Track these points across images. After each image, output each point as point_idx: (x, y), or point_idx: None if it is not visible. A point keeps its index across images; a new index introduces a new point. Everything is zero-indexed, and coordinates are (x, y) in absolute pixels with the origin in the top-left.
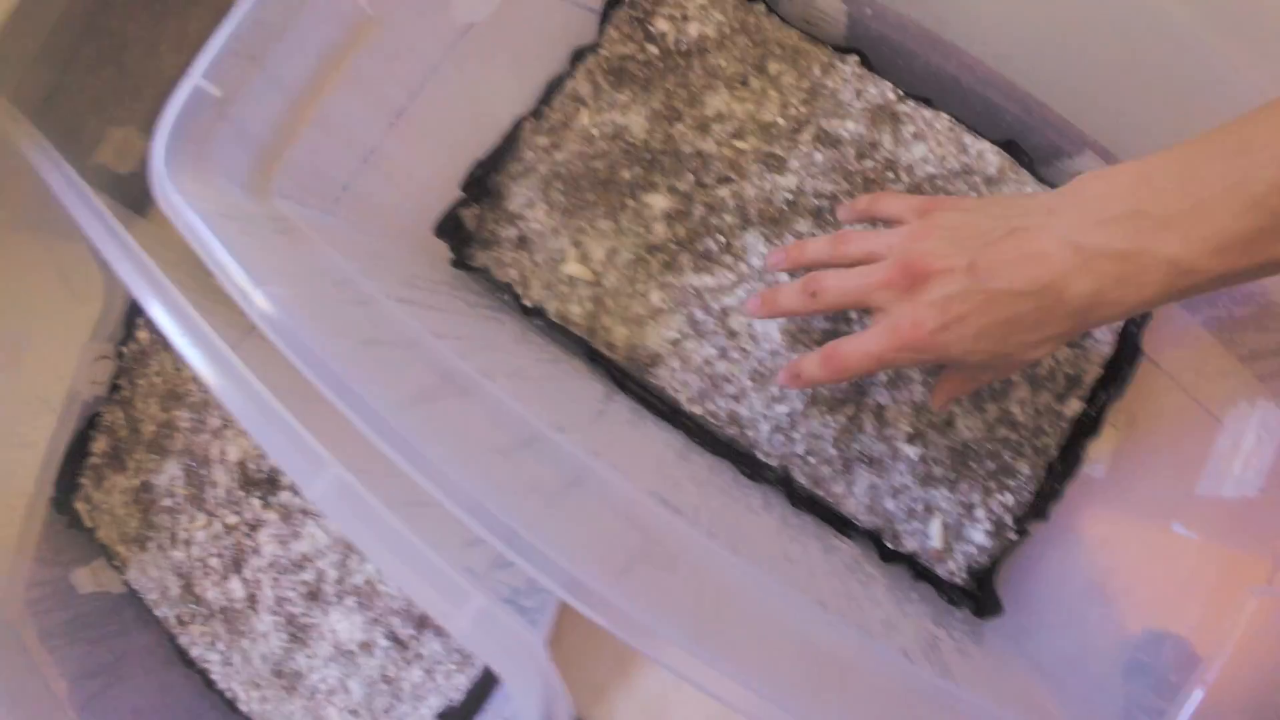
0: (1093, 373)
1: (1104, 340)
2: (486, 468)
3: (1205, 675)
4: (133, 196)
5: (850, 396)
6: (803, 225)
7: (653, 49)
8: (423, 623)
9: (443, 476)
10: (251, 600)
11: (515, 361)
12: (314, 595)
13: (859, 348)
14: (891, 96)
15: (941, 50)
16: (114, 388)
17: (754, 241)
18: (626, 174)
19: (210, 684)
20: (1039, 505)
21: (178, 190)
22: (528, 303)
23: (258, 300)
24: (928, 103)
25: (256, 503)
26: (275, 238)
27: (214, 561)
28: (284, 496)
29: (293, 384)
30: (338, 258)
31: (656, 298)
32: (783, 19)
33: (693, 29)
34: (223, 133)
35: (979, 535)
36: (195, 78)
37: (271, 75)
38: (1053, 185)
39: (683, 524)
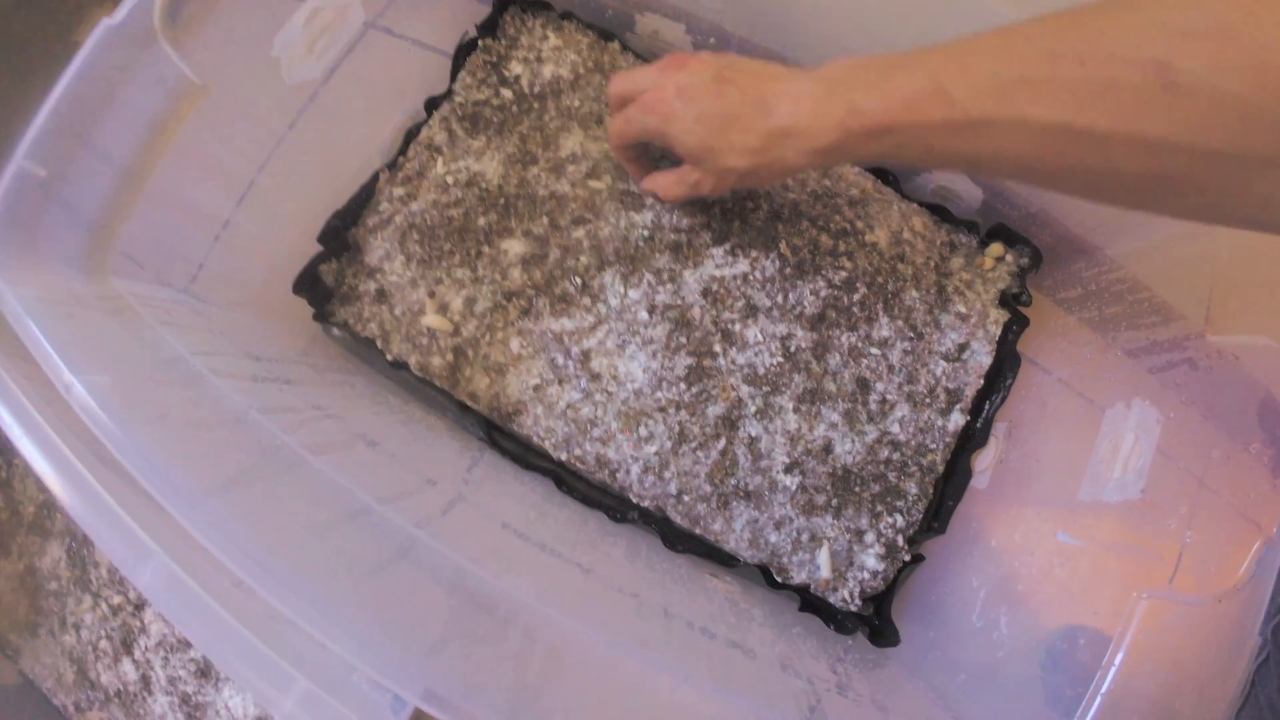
0: (974, 385)
1: (981, 351)
2: (298, 549)
3: (1101, 683)
4: None
5: (721, 431)
6: (661, 260)
7: (507, 93)
8: None
9: (250, 561)
10: (145, 682)
11: (358, 427)
12: (204, 673)
13: (618, 114)
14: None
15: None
16: None
17: (611, 281)
18: (482, 220)
19: None
20: (932, 522)
21: (5, 279)
22: (390, 357)
23: (75, 390)
24: None
25: None
26: (105, 320)
27: (104, 644)
28: None
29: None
30: (169, 336)
31: (516, 344)
32: (636, 54)
33: (547, 70)
34: (51, 214)
35: (870, 560)
36: (18, 159)
37: (100, 151)
38: (910, 197)
39: (511, 586)
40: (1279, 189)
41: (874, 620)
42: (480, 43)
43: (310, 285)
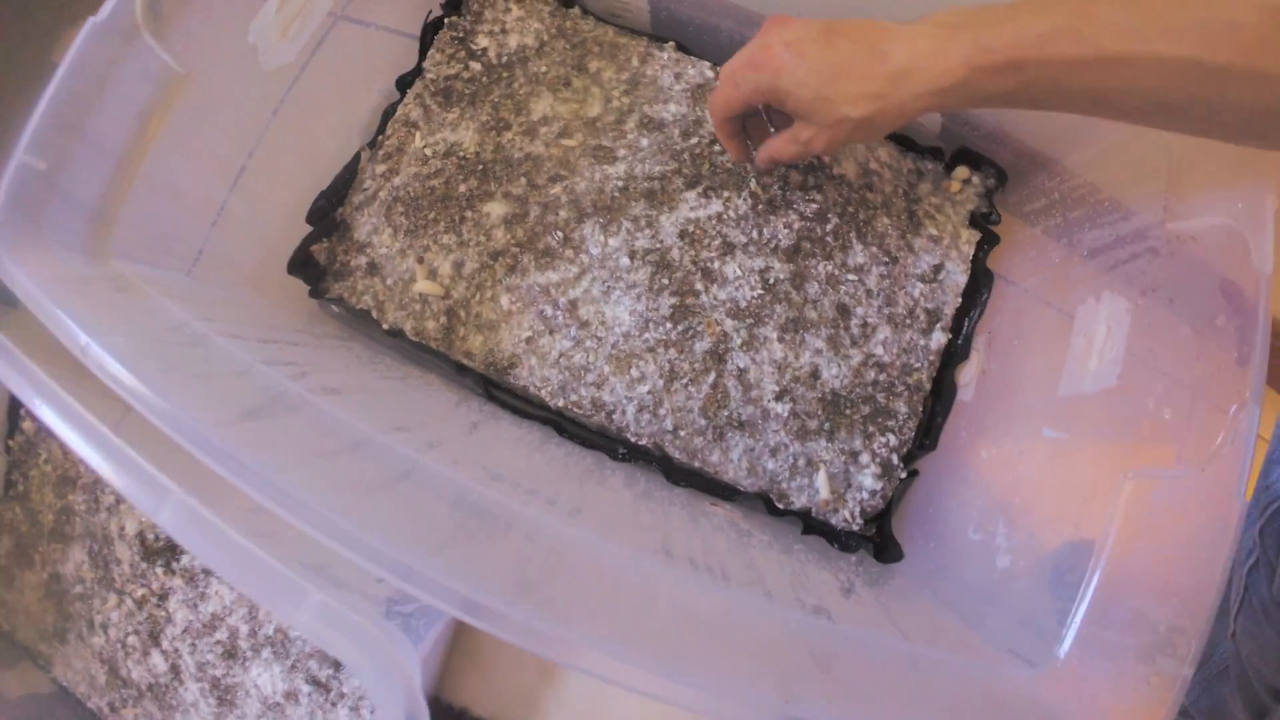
0: (952, 303)
1: (956, 270)
2: (308, 471)
3: (1096, 564)
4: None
5: (710, 365)
6: (638, 208)
7: (476, 65)
8: (338, 662)
9: (265, 482)
10: (175, 671)
11: (358, 381)
12: (231, 654)
13: (722, 77)
14: (710, 74)
15: (741, 18)
16: (8, 484)
17: (592, 231)
18: (463, 187)
19: None
20: (924, 438)
21: (16, 262)
22: (386, 325)
23: (91, 349)
24: None
25: (160, 571)
26: (112, 295)
27: (132, 640)
28: (185, 560)
29: (173, 451)
30: (174, 307)
31: (505, 301)
32: (596, 17)
33: (512, 40)
34: (54, 203)
35: (868, 479)
36: (19, 154)
37: (94, 142)
38: None
39: (511, 500)
40: None
41: (876, 538)
42: (447, 20)
43: (304, 265)
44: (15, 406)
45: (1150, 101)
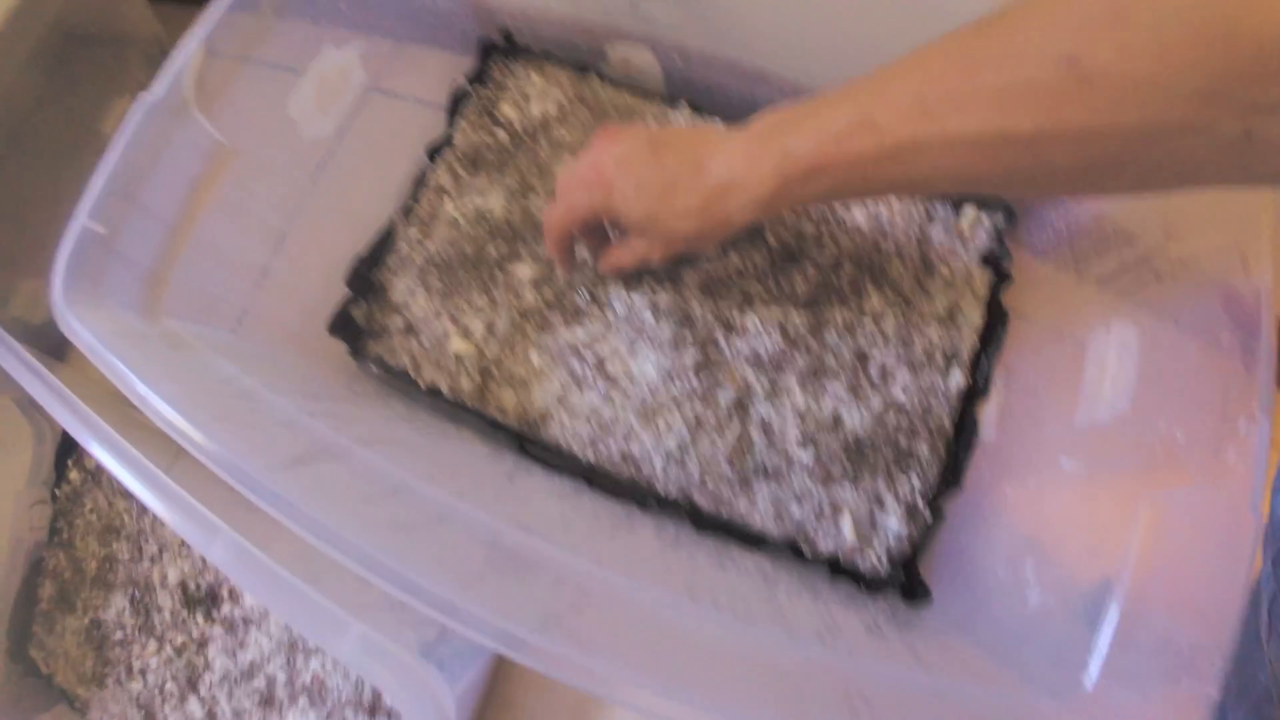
0: (969, 343)
1: (971, 311)
2: (352, 513)
3: (1120, 591)
4: (50, 344)
5: (734, 415)
6: (659, 266)
7: (501, 133)
8: (374, 708)
9: (313, 522)
10: (211, 717)
11: (396, 435)
12: (268, 701)
13: (558, 196)
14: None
15: (748, 77)
16: (53, 531)
17: (616, 290)
18: (493, 250)
19: None
20: (947, 479)
21: (77, 318)
22: (422, 384)
23: (149, 398)
24: None
25: (201, 619)
26: (167, 351)
27: (170, 686)
28: (225, 609)
29: (220, 493)
30: (223, 362)
31: (536, 359)
32: (614, 84)
33: (535, 108)
34: (112, 265)
35: (894, 522)
36: (81, 219)
37: (148, 210)
38: None
39: (542, 543)
40: (1201, 150)
41: (904, 580)
42: (472, 92)
43: (344, 326)
44: (63, 457)
45: (963, 179)
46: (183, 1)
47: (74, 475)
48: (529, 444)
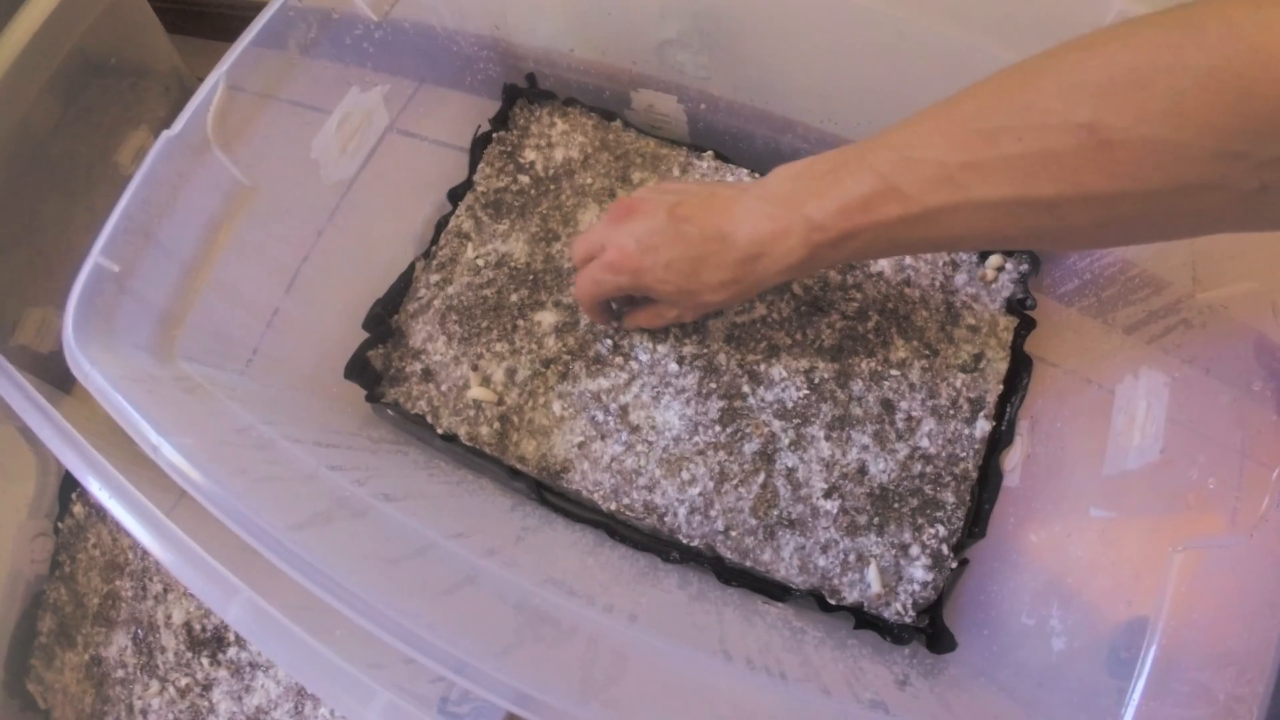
0: (994, 391)
1: (996, 358)
2: (375, 575)
3: (1152, 640)
4: (56, 374)
5: (759, 466)
6: None
7: (524, 178)
8: None
9: (338, 587)
10: None
11: (415, 486)
12: None
13: (583, 275)
14: (748, 180)
15: (774, 125)
16: (54, 564)
17: (640, 339)
18: (514, 296)
19: None
20: (973, 527)
21: (88, 359)
22: (440, 431)
23: (163, 450)
24: None
25: (206, 662)
26: (180, 395)
27: None
28: (232, 652)
29: (228, 537)
30: (238, 409)
31: (558, 407)
32: (638, 130)
33: (558, 154)
34: (125, 304)
35: (919, 571)
36: (95, 256)
37: (164, 248)
38: None
39: (575, 604)
40: (1218, 204)
41: (929, 629)
42: (494, 135)
43: (360, 370)
44: (67, 490)
45: (986, 239)
46: (203, 36)
47: (78, 509)
48: (549, 493)
